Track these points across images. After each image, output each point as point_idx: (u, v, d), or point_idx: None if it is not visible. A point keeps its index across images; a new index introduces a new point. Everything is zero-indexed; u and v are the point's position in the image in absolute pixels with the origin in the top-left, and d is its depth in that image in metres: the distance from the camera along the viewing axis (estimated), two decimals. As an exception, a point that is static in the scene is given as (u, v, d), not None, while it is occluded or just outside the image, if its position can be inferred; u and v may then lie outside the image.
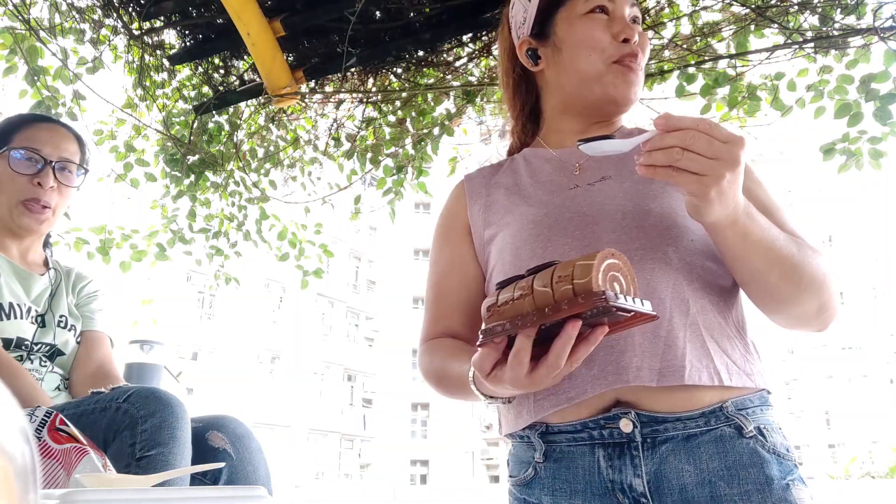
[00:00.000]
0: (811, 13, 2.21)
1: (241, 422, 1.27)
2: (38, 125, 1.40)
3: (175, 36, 2.60)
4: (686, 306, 0.87)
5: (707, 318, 0.88)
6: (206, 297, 23.63)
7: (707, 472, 0.82)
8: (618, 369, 0.84)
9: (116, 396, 1.09)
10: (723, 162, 0.72)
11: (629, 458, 0.85)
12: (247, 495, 0.76)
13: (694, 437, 0.84)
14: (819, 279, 0.86)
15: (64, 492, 0.65)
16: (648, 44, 1.06)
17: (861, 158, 2.45)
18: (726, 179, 0.72)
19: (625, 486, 0.85)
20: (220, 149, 2.98)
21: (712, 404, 0.85)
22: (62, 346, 1.40)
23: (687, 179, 0.73)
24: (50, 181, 1.35)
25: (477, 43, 2.51)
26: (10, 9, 2.40)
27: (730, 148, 0.72)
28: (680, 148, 0.71)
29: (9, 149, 1.34)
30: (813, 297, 0.86)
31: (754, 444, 0.84)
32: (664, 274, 0.88)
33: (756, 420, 0.86)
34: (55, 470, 0.90)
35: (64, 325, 1.42)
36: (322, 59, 2.41)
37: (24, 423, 0.30)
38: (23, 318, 1.33)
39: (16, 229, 1.37)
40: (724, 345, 0.87)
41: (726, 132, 0.73)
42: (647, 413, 0.84)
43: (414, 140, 2.89)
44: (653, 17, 2.39)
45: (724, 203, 0.76)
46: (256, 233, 3.31)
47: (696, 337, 0.86)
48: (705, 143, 0.71)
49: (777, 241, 0.83)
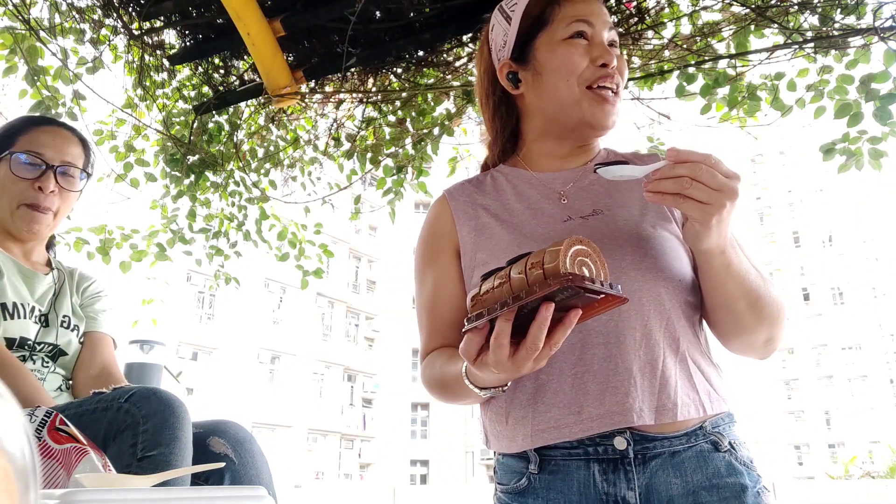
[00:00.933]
0: (811, 13, 2.21)
1: (241, 426, 1.27)
2: (42, 128, 1.39)
3: (175, 36, 2.60)
4: (676, 344, 0.95)
5: (692, 352, 0.96)
6: (206, 297, 23.63)
7: (692, 483, 0.91)
8: (622, 410, 0.90)
9: (117, 396, 1.08)
10: (725, 194, 0.80)
11: (623, 472, 0.91)
12: (247, 495, 0.76)
13: (678, 452, 0.92)
14: (775, 313, 0.95)
15: (64, 492, 0.65)
16: (626, 67, 1.09)
17: (861, 158, 2.45)
18: (726, 210, 0.82)
19: (618, 499, 0.91)
20: (220, 149, 2.98)
21: (695, 426, 0.94)
22: (65, 346, 1.40)
23: (693, 207, 0.81)
24: (51, 185, 1.34)
25: (477, 43, 2.51)
26: (10, 9, 2.40)
27: (731, 182, 0.81)
28: (689, 178, 0.79)
29: (11, 152, 1.33)
30: (767, 328, 0.96)
31: (729, 457, 0.94)
32: (658, 314, 0.94)
33: (728, 435, 0.96)
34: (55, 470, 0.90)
35: (67, 325, 1.42)
36: (322, 59, 2.41)
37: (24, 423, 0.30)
38: (26, 318, 1.33)
39: (16, 232, 1.37)
40: (707, 374, 0.97)
41: (728, 168, 0.82)
42: (639, 433, 0.92)
43: (414, 140, 2.89)
44: (653, 17, 2.39)
45: (720, 232, 0.85)
46: (256, 233, 3.31)
47: (685, 372, 0.94)
48: (711, 176, 0.80)
49: (750, 273, 0.93)
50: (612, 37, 1.05)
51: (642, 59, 2.50)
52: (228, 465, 1.18)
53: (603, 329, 0.92)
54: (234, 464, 1.19)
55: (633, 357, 0.92)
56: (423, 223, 1.13)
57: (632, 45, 2.41)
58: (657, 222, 1.00)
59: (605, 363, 0.92)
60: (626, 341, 0.92)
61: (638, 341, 0.92)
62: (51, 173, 1.34)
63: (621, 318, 0.92)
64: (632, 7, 2.35)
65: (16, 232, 1.36)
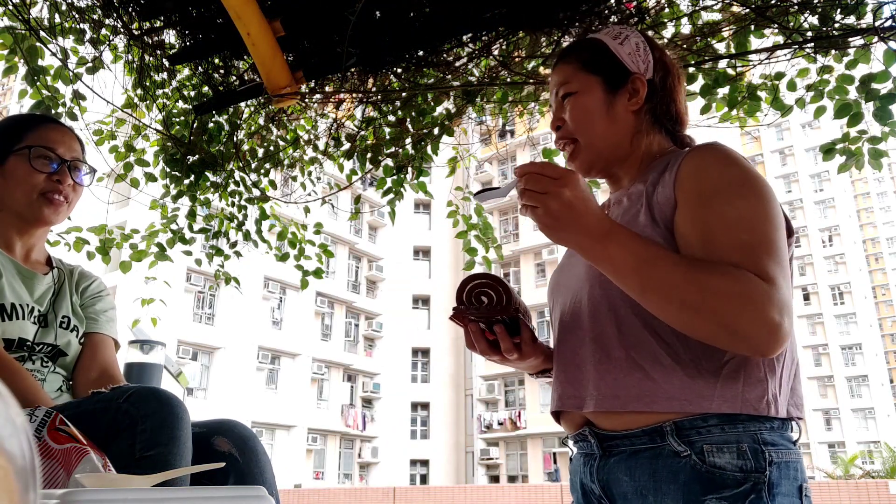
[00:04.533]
0: (811, 13, 2.21)
1: (244, 425, 1.27)
2: (49, 126, 1.44)
3: (175, 36, 2.60)
4: (627, 338, 0.98)
5: (646, 348, 0.96)
6: (206, 297, 23.62)
7: (639, 484, 0.96)
8: (559, 397, 1.08)
9: (117, 396, 1.08)
10: (548, 196, 0.88)
11: (590, 466, 1.04)
12: (247, 495, 0.76)
13: (638, 452, 0.97)
14: (716, 301, 0.86)
15: (64, 492, 0.65)
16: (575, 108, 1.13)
17: (861, 158, 2.45)
18: (553, 208, 0.88)
19: (588, 489, 1.05)
20: (220, 149, 2.98)
21: (648, 425, 0.95)
22: (64, 346, 1.40)
23: (529, 212, 0.91)
24: (68, 179, 1.41)
25: (477, 43, 2.51)
26: (10, 9, 2.40)
27: (555, 184, 0.88)
28: (523, 189, 0.90)
29: (27, 147, 1.38)
30: (712, 321, 0.86)
31: (686, 464, 0.92)
32: (609, 308, 1.01)
33: (704, 440, 0.92)
34: (55, 470, 0.90)
35: (66, 325, 1.42)
36: (322, 59, 2.41)
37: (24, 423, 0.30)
38: (25, 319, 1.33)
39: (33, 217, 1.39)
40: (654, 373, 0.95)
41: (557, 170, 0.90)
42: (600, 431, 1.02)
43: (414, 140, 2.89)
44: (653, 17, 2.39)
45: (565, 230, 0.90)
46: (256, 233, 3.30)
47: (633, 365, 0.97)
48: (534, 182, 0.89)
49: (651, 264, 0.89)
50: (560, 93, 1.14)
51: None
52: (233, 463, 1.18)
53: (573, 322, 1.07)
54: (238, 462, 1.19)
55: (573, 352, 1.05)
56: None
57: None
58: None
59: (570, 355, 1.07)
60: (583, 334, 1.04)
61: (595, 335, 1.02)
62: (65, 168, 1.40)
63: (582, 313, 1.06)
64: (632, 7, 2.35)
65: (32, 217, 1.39)
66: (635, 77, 1.09)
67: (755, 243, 0.91)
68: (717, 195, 0.94)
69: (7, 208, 1.40)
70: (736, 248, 0.90)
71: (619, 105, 1.09)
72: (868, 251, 50.87)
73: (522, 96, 2.79)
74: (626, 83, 1.09)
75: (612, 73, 1.10)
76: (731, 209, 0.93)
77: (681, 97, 1.15)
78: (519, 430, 29.28)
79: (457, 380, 31.65)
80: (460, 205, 3.25)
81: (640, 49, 1.11)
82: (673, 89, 1.13)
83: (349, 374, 28.86)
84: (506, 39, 2.51)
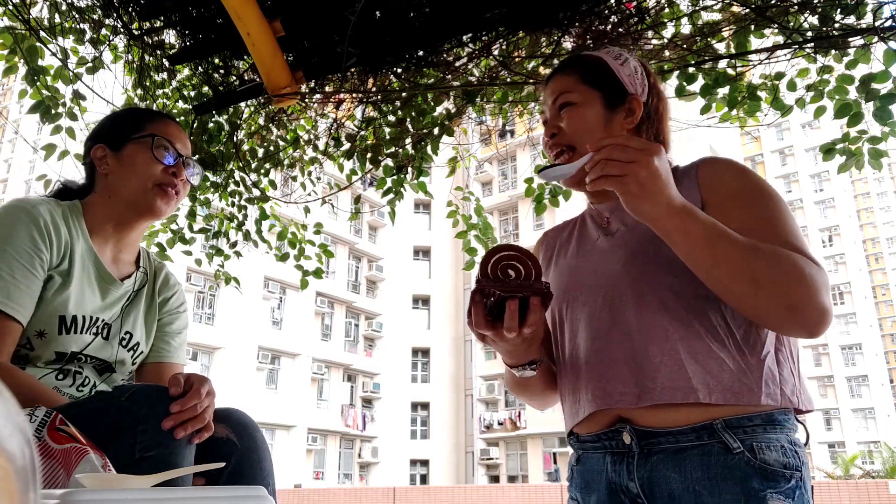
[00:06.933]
0: (811, 13, 2.21)
1: (244, 412, 1.27)
2: (169, 121, 1.44)
3: (175, 36, 2.60)
4: (665, 333, 1.00)
5: (688, 343, 0.99)
6: (206, 297, 23.62)
7: (691, 480, 0.95)
8: (604, 394, 1.04)
9: (118, 395, 1.08)
10: (638, 164, 0.89)
11: (626, 464, 1.02)
12: (247, 495, 0.76)
13: (684, 450, 0.97)
14: (781, 278, 0.91)
15: (64, 492, 0.65)
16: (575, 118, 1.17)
17: (861, 158, 2.45)
18: (642, 176, 0.89)
19: (623, 488, 1.02)
20: (220, 149, 2.98)
21: (699, 422, 0.97)
22: (117, 364, 1.35)
23: (613, 182, 0.91)
24: (183, 174, 1.40)
25: (477, 43, 2.51)
26: (10, 9, 2.41)
27: (643, 153, 0.90)
28: (604, 160, 0.90)
29: (151, 136, 1.36)
30: (775, 297, 0.91)
31: (739, 460, 0.94)
32: (642, 305, 1.03)
33: (751, 438, 0.95)
34: (55, 470, 0.90)
35: (126, 342, 1.37)
36: (322, 59, 2.41)
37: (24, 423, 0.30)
38: (84, 333, 1.28)
39: (142, 210, 1.36)
40: (707, 365, 0.98)
41: (642, 142, 0.92)
42: (641, 428, 1.01)
43: (414, 140, 2.89)
44: (653, 17, 2.39)
45: (650, 199, 0.91)
46: (256, 233, 3.31)
47: (673, 360, 0.99)
48: (621, 151, 0.90)
49: (724, 239, 0.92)
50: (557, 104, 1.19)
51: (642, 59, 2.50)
52: (232, 449, 1.18)
53: (594, 321, 1.08)
54: (237, 448, 1.19)
55: (616, 346, 1.04)
56: None
57: (632, 45, 2.40)
58: None
59: (595, 354, 1.06)
60: (612, 333, 1.05)
61: (624, 332, 1.04)
62: (181, 162, 1.40)
63: (606, 310, 1.07)
64: (632, 7, 2.35)
65: (145, 207, 1.36)
66: (633, 98, 1.15)
67: (797, 234, 0.98)
68: (746, 195, 1.03)
69: (117, 195, 1.35)
70: (783, 236, 0.97)
71: (616, 122, 1.15)
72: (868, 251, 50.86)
73: (522, 96, 2.79)
74: (625, 102, 1.15)
75: (612, 91, 1.16)
76: (763, 209, 1.01)
77: (667, 124, 1.22)
78: (519, 430, 29.28)
79: (457, 380, 31.65)
80: (460, 205, 3.25)
81: (638, 73, 1.18)
82: (662, 116, 1.20)
83: (349, 374, 28.86)
84: (506, 39, 2.51)
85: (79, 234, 1.30)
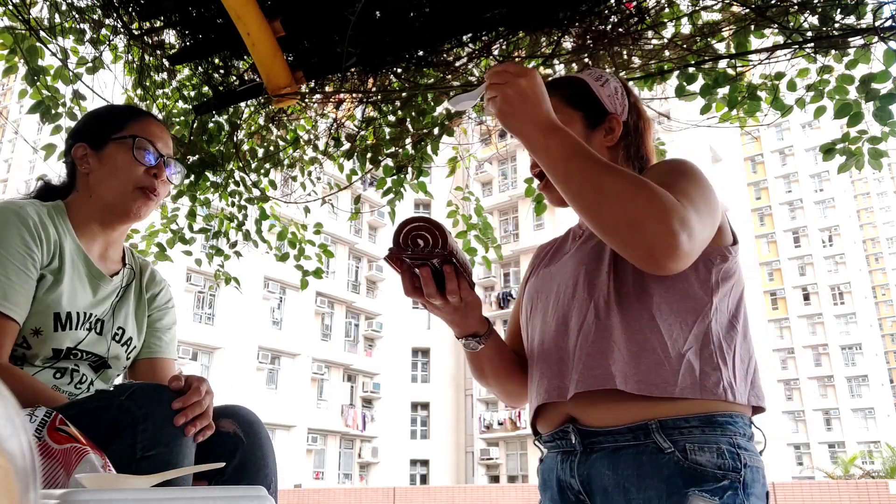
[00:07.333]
0: (811, 13, 2.21)
1: (249, 409, 1.27)
2: (150, 119, 1.42)
3: (175, 36, 2.60)
4: (598, 331, 1.05)
5: (617, 337, 1.03)
6: (206, 297, 23.62)
7: (622, 477, 1.00)
8: (545, 390, 1.11)
9: (118, 394, 1.07)
10: (508, 84, 0.98)
11: (570, 462, 1.08)
12: (247, 495, 0.76)
13: (620, 449, 1.02)
14: (627, 191, 0.92)
15: (64, 492, 0.65)
16: None
17: (861, 158, 2.45)
18: (509, 94, 0.98)
19: (567, 484, 1.08)
20: (220, 149, 2.98)
21: (635, 421, 1.00)
22: (111, 360, 1.36)
23: (489, 103, 1.01)
24: (164, 174, 1.38)
25: (477, 43, 2.51)
26: (10, 9, 2.41)
27: (513, 75, 0.99)
28: (489, 84, 1.00)
29: (131, 136, 1.35)
30: (618, 209, 0.91)
31: (669, 460, 0.97)
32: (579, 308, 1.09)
33: (686, 440, 0.98)
34: (55, 470, 0.90)
35: (120, 337, 1.37)
36: (322, 59, 2.41)
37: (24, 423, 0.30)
38: (78, 329, 1.29)
39: (126, 210, 1.35)
40: (631, 357, 1.02)
41: (519, 68, 1.01)
42: (584, 427, 1.05)
43: (414, 140, 2.89)
44: (653, 17, 2.39)
45: (518, 116, 0.98)
46: (256, 233, 3.31)
47: (599, 352, 1.03)
48: (496, 74, 1.00)
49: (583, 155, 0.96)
50: None
51: (642, 59, 2.50)
52: (238, 444, 1.19)
53: (547, 326, 1.14)
54: (243, 443, 1.19)
55: (558, 346, 1.10)
56: None
57: (632, 45, 2.41)
58: None
59: (542, 346, 1.14)
60: (557, 335, 1.12)
61: (563, 333, 1.10)
62: (161, 162, 1.38)
63: (559, 316, 1.12)
64: (632, 7, 2.35)
65: (123, 210, 1.35)
66: (612, 117, 1.19)
67: (686, 191, 0.98)
68: (667, 168, 1.07)
69: (97, 196, 1.35)
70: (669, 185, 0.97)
71: (596, 140, 1.19)
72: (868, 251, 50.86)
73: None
74: (604, 121, 1.19)
75: (592, 110, 1.20)
76: (670, 176, 1.03)
77: (649, 140, 1.25)
78: (519, 430, 29.27)
79: (457, 380, 31.64)
80: (460, 205, 3.25)
81: (619, 93, 1.22)
82: (644, 132, 1.23)
83: (349, 374, 28.86)
84: (506, 39, 2.51)
85: (66, 233, 1.31)
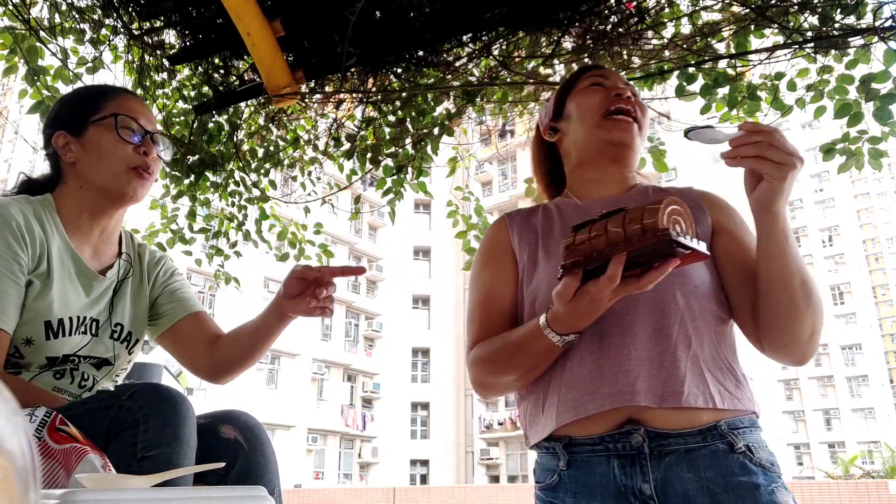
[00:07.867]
0: (811, 13, 2.21)
1: (250, 415, 1.26)
2: (126, 95, 1.35)
3: (175, 36, 2.60)
4: (688, 342, 1.05)
5: (704, 353, 1.05)
6: (206, 297, 23.61)
7: (705, 479, 0.99)
8: (631, 390, 1.02)
9: (119, 394, 1.07)
10: (796, 157, 0.96)
11: (639, 466, 1.02)
12: (247, 495, 0.76)
13: (693, 450, 1.01)
14: (819, 300, 1.03)
15: (64, 492, 0.65)
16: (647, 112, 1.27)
17: (861, 158, 2.45)
18: (797, 170, 0.96)
19: (635, 490, 1.01)
20: (220, 149, 2.97)
21: (708, 423, 1.02)
22: (111, 358, 1.32)
23: (771, 167, 0.95)
24: (153, 150, 1.32)
25: (477, 43, 2.51)
26: (10, 9, 2.40)
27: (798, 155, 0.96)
28: (767, 143, 0.95)
29: (112, 115, 1.28)
30: (813, 315, 1.02)
31: (743, 458, 1.01)
32: (672, 313, 1.06)
33: (745, 439, 1.03)
34: (55, 470, 0.90)
35: (118, 335, 1.33)
36: (322, 59, 2.41)
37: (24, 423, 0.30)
38: (73, 335, 1.24)
39: (117, 196, 1.28)
40: (717, 375, 1.05)
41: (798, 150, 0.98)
42: (653, 430, 1.02)
43: (414, 140, 2.89)
44: (653, 17, 2.39)
45: (787, 194, 0.98)
46: (256, 233, 3.30)
47: (695, 367, 1.04)
48: (783, 141, 0.95)
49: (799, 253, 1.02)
50: (629, 91, 1.25)
51: (642, 59, 2.50)
52: (238, 450, 1.18)
53: (619, 322, 1.06)
54: (244, 449, 1.18)
55: (644, 347, 1.04)
56: (482, 240, 1.32)
57: (632, 45, 2.40)
58: None
59: (619, 351, 1.04)
60: (639, 333, 1.05)
61: (650, 334, 1.05)
62: (149, 139, 1.32)
63: (637, 313, 1.05)
64: (632, 7, 2.35)
65: (119, 193, 1.28)
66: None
67: None
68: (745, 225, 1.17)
69: (89, 183, 1.27)
70: None
71: None
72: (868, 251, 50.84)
73: (522, 96, 2.79)
74: None
75: None
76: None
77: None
78: (519, 430, 29.25)
79: (457, 380, 31.64)
80: (460, 205, 3.25)
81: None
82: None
83: (349, 374, 28.86)
84: (506, 39, 2.51)
85: (53, 231, 1.24)
